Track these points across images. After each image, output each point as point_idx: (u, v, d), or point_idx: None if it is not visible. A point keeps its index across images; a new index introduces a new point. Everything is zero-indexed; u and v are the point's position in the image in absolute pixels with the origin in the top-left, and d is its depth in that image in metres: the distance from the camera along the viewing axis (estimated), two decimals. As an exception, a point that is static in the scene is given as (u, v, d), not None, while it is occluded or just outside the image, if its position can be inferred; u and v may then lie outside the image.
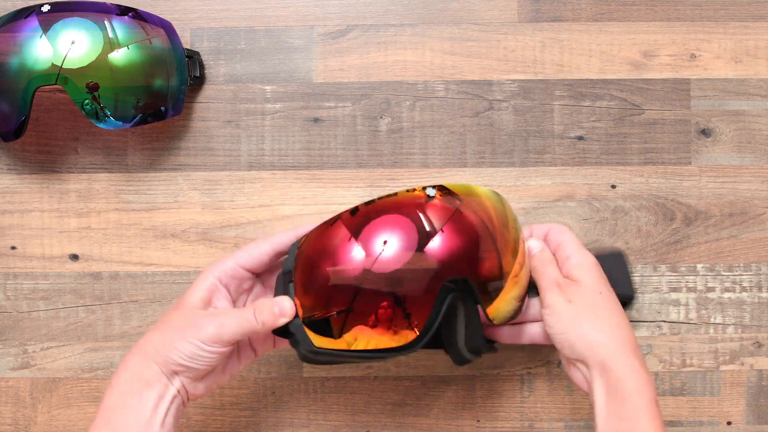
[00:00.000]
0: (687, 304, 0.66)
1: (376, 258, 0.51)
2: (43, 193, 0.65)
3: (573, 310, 0.52)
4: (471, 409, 0.66)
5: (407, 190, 0.54)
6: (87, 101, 0.58)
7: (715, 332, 0.66)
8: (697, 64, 0.66)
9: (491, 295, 0.53)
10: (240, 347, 0.56)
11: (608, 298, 0.54)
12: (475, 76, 0.65)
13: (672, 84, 0.66)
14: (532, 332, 0.58)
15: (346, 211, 0.55)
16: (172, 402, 0.51)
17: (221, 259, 0.56)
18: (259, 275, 0.58)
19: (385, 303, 0.51)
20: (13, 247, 0.65)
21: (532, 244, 0.58)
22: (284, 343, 0.56)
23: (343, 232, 0.53)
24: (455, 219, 0.53)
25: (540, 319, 0.56)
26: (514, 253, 0.55)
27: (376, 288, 0.51)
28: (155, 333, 0.52)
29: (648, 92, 0.66)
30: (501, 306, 0.54)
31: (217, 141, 0.65)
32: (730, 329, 0.66)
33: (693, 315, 0.66)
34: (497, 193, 0.57)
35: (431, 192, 0.54)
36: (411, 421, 0.66)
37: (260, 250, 0.55)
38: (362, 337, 0.52)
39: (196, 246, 0.65)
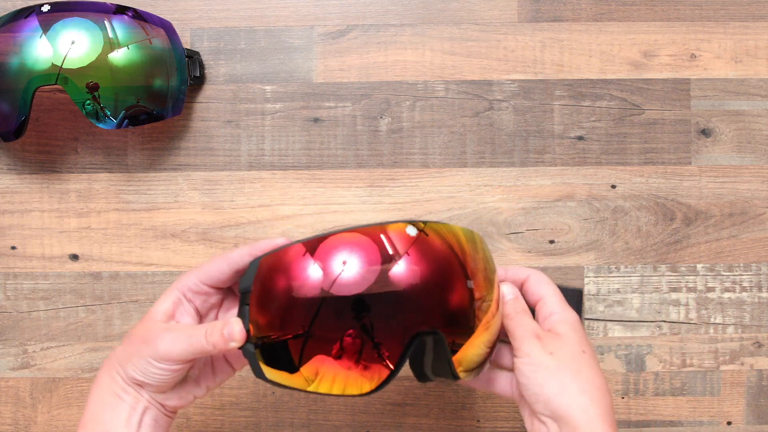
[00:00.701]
0: (687, 304, 0.66)
1: (336, 278, 0.46)
2: (43, 193, 0.65)
3: (555, 364, 0.48)
4: (471, 409, 0.66)
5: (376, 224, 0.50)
6: (88, 102, 0.58)
7: (715, 332, 0.66)
8: (697, 64, 0.66)
9: (460, 334, 0.48)
10: (214, 361, 0.53)
11: (592, 359, 0.49)
12: (475, 76, 0.66)
13: (672, 84, 0.66)
14: (501, 382, 0.53)
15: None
16: (144, 413, 0.49)
17: (187, 272, 0.52)
18: (229, 288, 0.54)
19: (351, 331, 0.46)
20: (13, 247, 0.65)
21: (506, 290, 0.52)
22: None
23: (298, 248, 0.47)
24: (420, 243, 0.47)
25: (509, 370, 0.52)
26: (488, 289, 0.50)
27: (338, 312, 0.46)
28: (121, 345, 0.50)
29: (648, 92, 0.66)
30: (469, 351, 0.49)
31: (217, 141, 0.65)
32: (730, 329, 0.66)
33: (693, 315, 0.66)
34: (473, 232, 0.52)
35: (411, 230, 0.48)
36: (411, 421, 0.66)
37: (218, 268, 0.51)
38: (324, 371, 0.46)
39: (196, 246, 0.65)
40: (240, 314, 0.48)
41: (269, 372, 0.48)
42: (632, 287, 0.65)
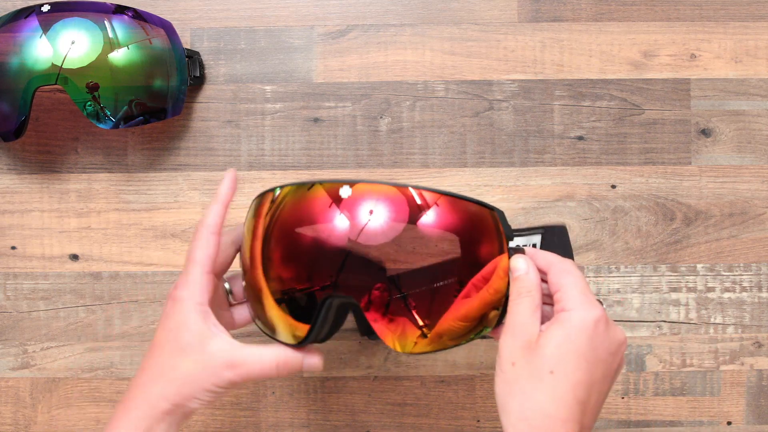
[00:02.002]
0: (687, 304, 0.66)
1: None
2: (43, 193, 0.65)
3: (511, 377, 0.43)
4: (471, 409, 0.66)
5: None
6: (89, 102, 0.58)
7: (715, 332, 0.66)
8: (697, 64, 0.66)
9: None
10: (219, 319, 0.51)
11: (560, 382, 0.42)
12: (475, 76, 0.66)
13: (672, 84, 0.66)
14: None
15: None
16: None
17: (188, 277, 0.48)
18: None
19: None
20: (13, 247, 0.65)
21: (519, 265, 0.47)
22: (243, 320, 0.53)
23: (323, 198, 0.46)
24: (444, 202, 0.46)
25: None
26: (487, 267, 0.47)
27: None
28: (164, 384, 0.47)
29: (648, 92, 0.66)
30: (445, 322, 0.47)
31: (217, 141, 0.65)
32: (730, 329, 0.66)
33: (693, 315, 0.66)
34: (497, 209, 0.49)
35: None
36: (411, 421, 0.66)
37: (226, 254, 0.50)
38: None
39: (196, 246, 0.65)
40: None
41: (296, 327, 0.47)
42: (632, 287, 0.66)
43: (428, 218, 0.46)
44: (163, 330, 0.48)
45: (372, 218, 0.45)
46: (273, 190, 0.50)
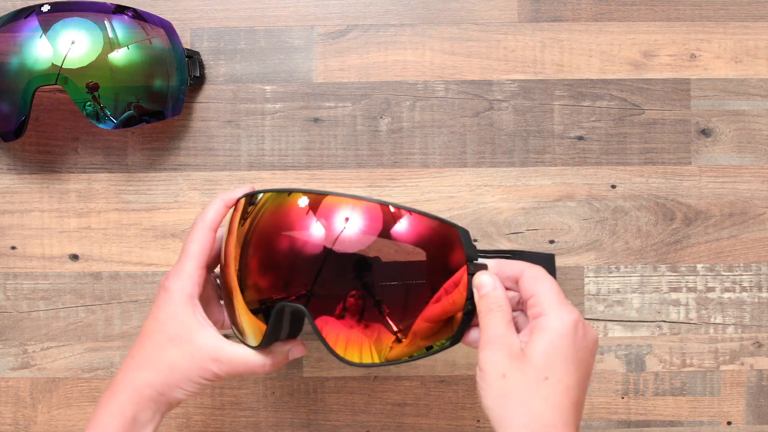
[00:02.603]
0: (687, 304, 0.66)
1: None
2: (43, 193, 0.65)
3: (503, 389, 0.42)
4: (471, 409, 0.66)
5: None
6: (89, 102, 0.58)
7: (715, 332, 0.66)
8: (697, 64, 0.66)
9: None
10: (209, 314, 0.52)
11: (555, 387, 0.42)
12: (475, 76, 0.66)
13: (672, 84, 0.66)
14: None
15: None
16: (159, 421, 0.49)
17: (181, 268, 0.49)
18: None
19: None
20: (13, 247, 0.65)
21: (484, 280, 0.47)
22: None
23: (299, 207, 0.47)
24: (416, 217, 0.48)
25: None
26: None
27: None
28: (150, 372, 0.48)
29: (648, 92, 0.66)
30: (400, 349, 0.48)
31: (217, 141, 0.65)
32: (730, 329, 0.66)
33: (693, 315, 0.66)
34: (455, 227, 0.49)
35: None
36: (411, 421, 0.66)
37: (219, 249, 0.50)
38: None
39: (196, 246, 0.65)
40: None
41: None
42: (632, 287, 0.66)
43: (400, 228, 0.47)
44: (152, 319, 0.49)
45: (347, 226, 0.46)
46: (255, 194, 0.50)
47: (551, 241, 0.65)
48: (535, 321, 0.44)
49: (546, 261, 0.53)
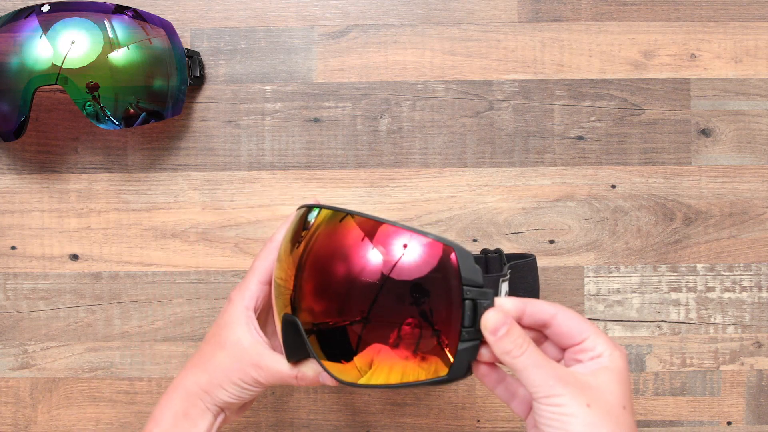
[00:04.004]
0: (687, 304, 0.66)
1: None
2: (43, 193, 0.65)
3: (592, 419, 0.41)
4: (471, 409, 0.66)
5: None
6: (89, 103, 0.58)
7: (715, 332, 0.66)
8: (697, 64, 0.66)
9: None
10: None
11: (630, 416, 0.43)
12: (475, 76, 0.66)
13: (672, 84, 0.66)
14: (515, 402, 0.47)
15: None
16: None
17: (245, 282, 0.52)
18: None
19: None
20: (13, 247, 0.65)
21: (496, 323, 0.42)
22: None
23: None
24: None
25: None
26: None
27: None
28: (199, 372, 0.51)
29: (648, 92, 0.66)
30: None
31: (217, 141, 0.65)
32: (730, 329, 0.66)
33: (693, 315, 0.66)
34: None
35: None
36: (411, 421, 0.66)
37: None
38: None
39: (196, 246, 0.65)
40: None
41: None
42: (632, 287, 0.66)
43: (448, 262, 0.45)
44: (213, 326, 0.53)
45: (405, 253, 0.44)
46: (310, 208, 0.50)
47: (551, 241, 0.65)
48: (597, 360, 0.44)
49: (531, 265, 0.55)
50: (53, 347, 0.65)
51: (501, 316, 0.42)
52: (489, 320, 0.42)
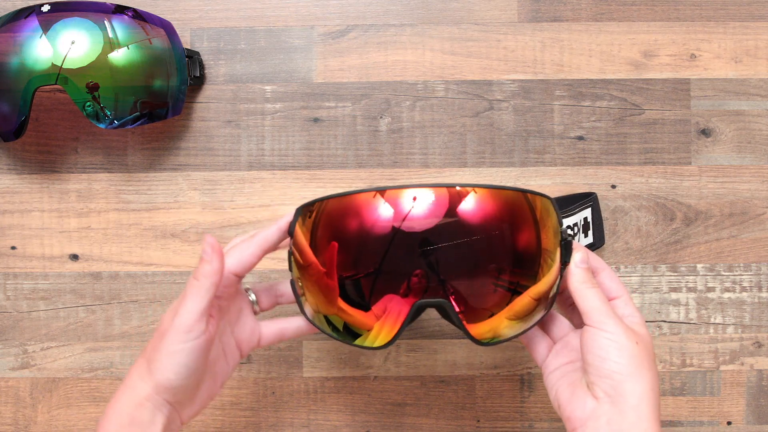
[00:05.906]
0: (687, 304, 0.66)
1: (406, 215, 0.47)
2: (43, 193, 0.65)
3: (638, 354, 0.48)
4: (471, 409, 0.66)
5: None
6: (89, 103, 0.58)
7: (715, 332, 0.66)
8: (697, 64, 0.66)
9: (526, 276, 0.50)
10: (225, 347, 0.52)
11: (655, 368, 0.50)
12: (475, 76, 0.66)
13: (672, 84, 0.66)
14: (539, 347, 0.54)
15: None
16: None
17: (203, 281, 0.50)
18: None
19: (418, 271, 0.48)
20: (13, 247, 0.65)
21: (581, 257, 0.51)
22: (270, 338, 0.54)
23: (365, 195, 0.49)
24: (487, 193, 0.49)
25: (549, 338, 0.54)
26: (553, 246, 0.50)
27: (406, 249, 0.48)
28: (141, 362, 0.49)
29: (648, 92, 0.66)
30: (524, 300, 0.50)
31: (217, 141, 0.65)
32: (730, 329, 0.66)
33: (693, 315, 0.66)
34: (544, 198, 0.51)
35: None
36: (411, 421, 0.66)
37: (249, 252, 0.51)
38: (391, 308, 0.49)
39: (196, 246, 0.65)
40: (289, 261, 0.51)
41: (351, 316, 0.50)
42: (632, 287, 0.66)
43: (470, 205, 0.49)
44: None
45: (415, 205, 0.48)
46: (315, 201, 0.51)
47: (551, 241, 0.65)
48: (626, 318, 0.50)
49: (594, 201, 0.63)
50: (53, 347, 0.65)
51: (584, 253, 0.51)
52: (577, 256, 0.51)
